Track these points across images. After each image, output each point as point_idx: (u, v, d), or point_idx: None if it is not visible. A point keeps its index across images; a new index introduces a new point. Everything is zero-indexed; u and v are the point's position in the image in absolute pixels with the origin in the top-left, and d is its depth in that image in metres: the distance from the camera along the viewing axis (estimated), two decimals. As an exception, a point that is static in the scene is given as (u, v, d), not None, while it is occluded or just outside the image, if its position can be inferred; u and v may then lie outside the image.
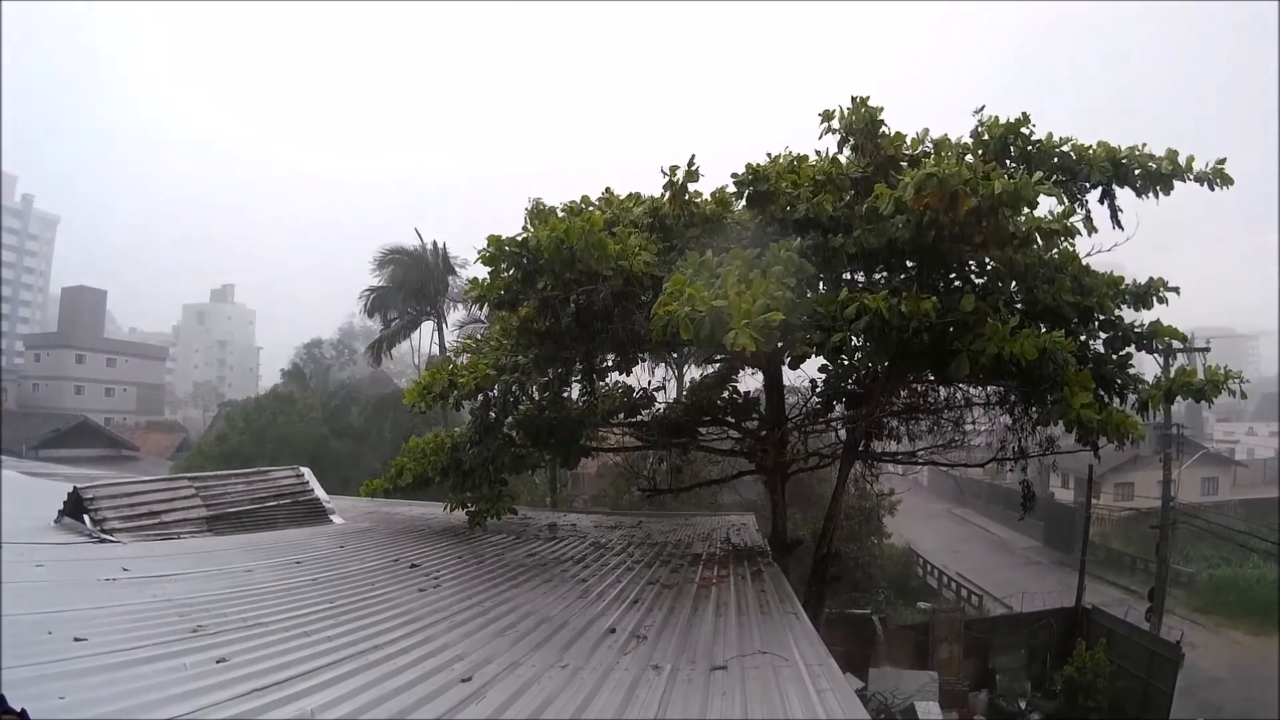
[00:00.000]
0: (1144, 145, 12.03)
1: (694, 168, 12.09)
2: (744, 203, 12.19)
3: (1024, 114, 12.06)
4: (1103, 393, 11.90)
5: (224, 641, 6.41)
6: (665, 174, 12.21)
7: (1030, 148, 12.11)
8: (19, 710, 4.08)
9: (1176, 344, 13.30)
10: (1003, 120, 12.12)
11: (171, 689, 5.12)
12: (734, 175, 11.89)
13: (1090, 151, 12.09)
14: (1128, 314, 12.78)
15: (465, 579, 10.86)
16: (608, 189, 13.79)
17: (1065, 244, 11.99)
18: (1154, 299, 12.67)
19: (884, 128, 12.18)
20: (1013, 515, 45.41)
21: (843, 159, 12.62)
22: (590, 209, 12.52)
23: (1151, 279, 12.82)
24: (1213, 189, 11.89)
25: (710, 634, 8.52)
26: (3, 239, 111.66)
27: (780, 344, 9.87)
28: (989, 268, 12.07)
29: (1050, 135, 12.24)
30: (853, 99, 12.11)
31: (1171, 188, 11.87)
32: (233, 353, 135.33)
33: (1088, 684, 22.42)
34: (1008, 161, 12.07)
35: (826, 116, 12.37)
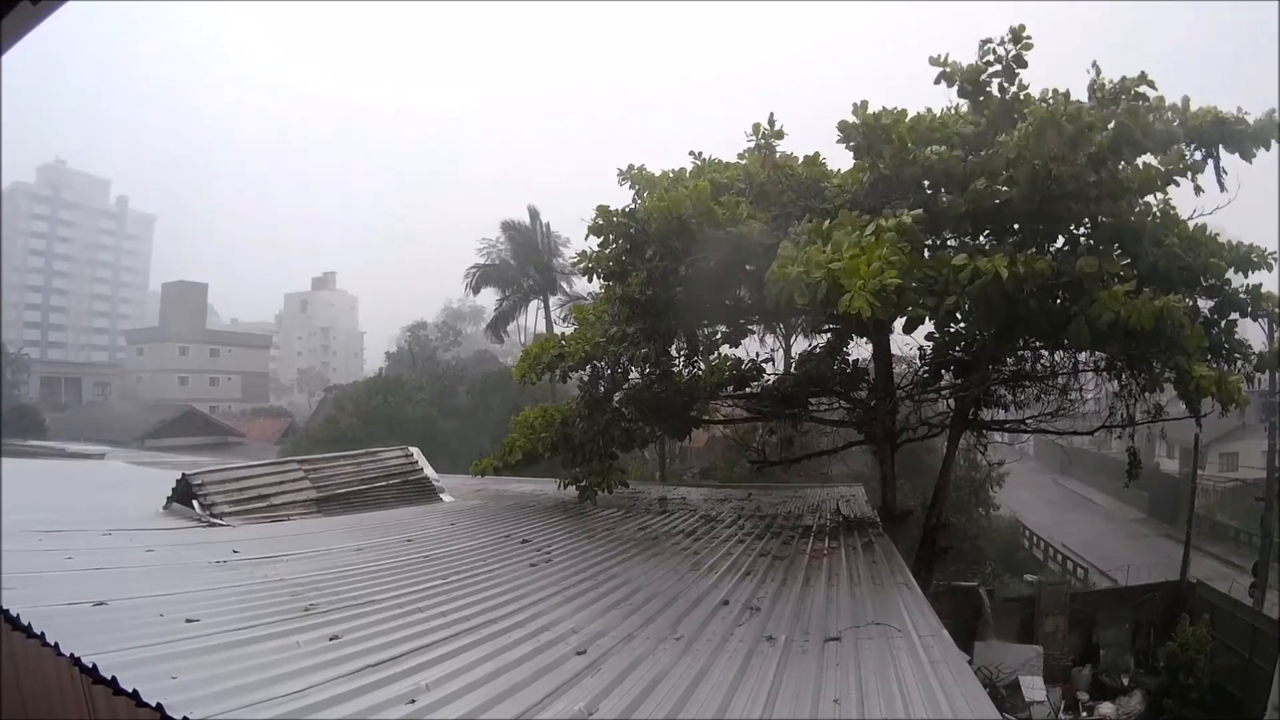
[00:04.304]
0: (1240, 109, 11.74)
1: (777, 125, 11.84)
2: (851, 152, 11.87)
3: (1142, 73, 11.77)
4: (1210, 358, 11.77)
5: (336, 620, 6.46)
6: (748, 136, 11.99)
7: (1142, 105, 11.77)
8: (130, 691, 4.07)
9: (1280, 311, 12.87)
10: (1115, 79, 11.87)
11: (283, 667, 5.15)
12: (841, 124, 11.52)
13: (1195, 113, 11.81)
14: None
15: (576, 553, 10.91)
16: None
17: (1168, 205, 11.93)
18: (1256, 264, 12.42)
19: (1019, 75, 11.77)
20: (1117, 485, 43.71)
21: (962, 110, 12.30)
22: (694, 171, 12.40)
23: (1252, 246, 12.56)
24: None
25: (823, 605, 8.45)
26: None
27: (894, 310, 9.64)
28: (1097, 228, 11.76)
29: (1161, 98, 11.91)
30: (981, 44, 11.68)
31: (1269, 146, 11.57)
32: (336, 338, 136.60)
33: (1190, 661, 21.71)
34: None
35: (938, 63, 11.90)
